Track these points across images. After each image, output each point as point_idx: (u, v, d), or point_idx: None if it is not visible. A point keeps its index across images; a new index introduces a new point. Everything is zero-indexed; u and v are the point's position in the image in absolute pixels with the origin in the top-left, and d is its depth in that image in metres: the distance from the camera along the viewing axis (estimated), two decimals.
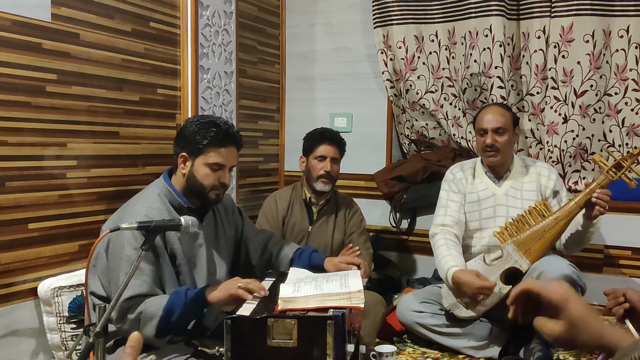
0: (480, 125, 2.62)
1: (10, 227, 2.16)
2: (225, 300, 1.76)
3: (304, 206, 2.80)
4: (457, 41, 3.22)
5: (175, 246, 1.91)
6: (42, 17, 2.24)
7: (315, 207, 2.80)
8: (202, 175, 1.96)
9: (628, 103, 2.91)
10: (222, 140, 1.96)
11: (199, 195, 2.01)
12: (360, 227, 2.85)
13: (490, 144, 2.57)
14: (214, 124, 1.98)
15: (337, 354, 1.54)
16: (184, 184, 2.00)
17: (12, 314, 2.18)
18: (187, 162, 1.98)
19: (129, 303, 1.76)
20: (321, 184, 2.72)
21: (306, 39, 3.71)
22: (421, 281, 3.29)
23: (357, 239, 2.80)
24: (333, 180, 2.75)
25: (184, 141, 1.99)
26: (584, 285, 2.43)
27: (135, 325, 1.76)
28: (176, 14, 2.86)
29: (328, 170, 2.70)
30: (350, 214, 2.86)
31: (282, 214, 2.77)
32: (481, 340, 2.55)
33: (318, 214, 2.80)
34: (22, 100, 2.18)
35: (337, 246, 2.79)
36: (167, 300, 1.76)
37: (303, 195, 2.81)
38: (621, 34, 2.86)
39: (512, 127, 2.62)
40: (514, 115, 2.69)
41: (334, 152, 2.74)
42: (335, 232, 2.79)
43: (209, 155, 1.95)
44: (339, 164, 2.79)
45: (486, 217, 2.63)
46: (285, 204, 2.80)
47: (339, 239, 2.80)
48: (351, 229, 2.83)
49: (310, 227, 2.78)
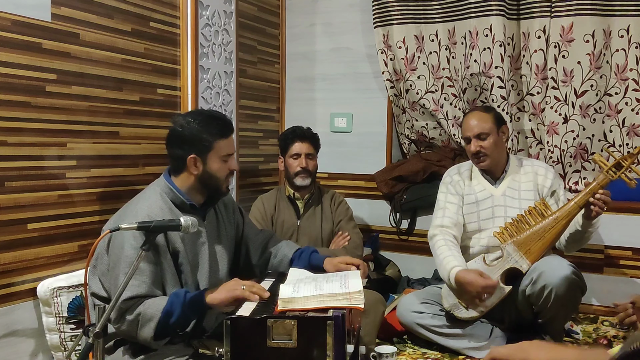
0: (464, 134, 2.65)
1: (10, 227, 2.16)
2: (226, 302, 1.75)
3: (289, 203, 2.92)
4: (457, 41, 3.22)
5: (177, 245, 1.90)
6: (42, 17, 2.24)
7: (301, 202, 2.92)
8: (216, 169, 1.97)
9: (628, 103, 2.91)
10: (225, 130, 2.00)
11: (212, 190, 2.02)
12: (347, 214, 2.96)
13: (475, 152, 2.58)
14: (212, 117, 2.00)
15: (337, 354, 1.54)
16: (194, 184, 1.98)
17: (11, 314, 2.18)
18: (197, 162, 1.96)
19: (127, 304, 1.75)
20: (300, 179, 2.85)
21: (306, 39, 3.70)
22: (421, 281, 3.29)
23: (345, 225, 2.91)
24: (311, 174, 2.87)
25: (188, 143, 1.95)
26: (584, 286, 2.43)
27: (134, 327, 1.75)
28: (176, 14, 2.86)
29: (304, 166, 2.83)
30: (336, 203, 2.97)
31: (269, 213, 2.89)
32: (481, 341, 2.55)
33: (304, 208, 2.91)
34: (22, 100, 2.18)
35: (327, 236, 2.91)
36: (166, 302, 1.75)
37: (287, 193, 2.93)
38: (621, 33, 2.86)
39: (495, 129, 2.59)
40: (496, 115, 2.65)
41: (307, 148, 2.87)
42: (324, 223, 2.91)
43: (219, 148, 1.97)
44: (316, 159, 2.92)
45: (485, 218, 2.62)
46: (272, 203, 2.92)
47: (328, 229, 2.91)
48: (339, 217, 2.94)
49: (298, 222, 2.90)
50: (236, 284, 1.76)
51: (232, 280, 1.82)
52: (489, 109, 2.70)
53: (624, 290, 2.96)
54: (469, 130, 2.60)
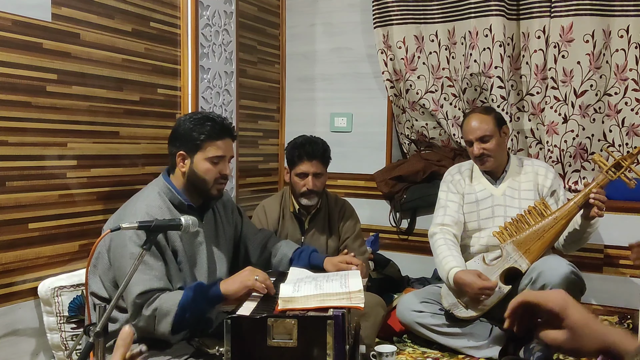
0: (466, 137, 2.63)
1: (11, 227, 2.16)
2: (240, 292, 1.78)
3: (294, 218, 2.68)
4: (457, 41, 3.23)
5: (176, 244, 1.91)
6: (42, 17, 2.24)
7: (306, 218, 2.68)
8: (203, 171, 1.97)
9: (628, 103, 2.91)
10: (219, 133, 1.98)
11: (201, 191, 2.01)
12: (354, 230, 2.71)
13: (479, 154, 2.58)
14: (208, 118, 2.00)
15: (337, 353, 1.54)
16: (185, 182, 2.00)
17: (12, 314, 2.18)
18: (186, 160, 1.98)
19: (142, 298, 1.76)
20: (305, 199, 2.59)
21: (306, 39, 3.71)
22: (421, 281, 3.29)
23: (351, 244, 2.68)
24: (318, 194, 2.60)
25: (180, 140, 1.99)
26: (583, 286, 2.43)
27: (151, 322, 1.76)
28: (176, 14, 2.86)
29: (310, 187, 2.55)
30: (344, 218, 2.72)
31: (273, 226, 2.65)
32: (481, 340, 2.55)
33: (309, 224, 2.68)
34: (22, 100, 2.18)
35: (332, 254, 2.64)
36: (182, 296, 1.76)
37: (291, 208, 2.68)
38: (621, 34, 2.87)
39: (497, 130, 2.59)
40: (497, 116, 2.64)
41: (316, 167, 2.56)
42: (329, 240, 2.69)
43: (208, 149, 1.97)
44: (324, 176, 2.63)
45: (485, 218, 2.63)
46: (275, 216, 2.68)
47: (334, 247, 2.69)
48: (345, 234, 2.70)
49: (302, 238, 2.66)
50: (250, 274, 1.79)
51: (247, 270, 1.83)
52: (489, 110, 2.68)
53: (624, 290, 2.97)
54: (471, 133, 2.58)
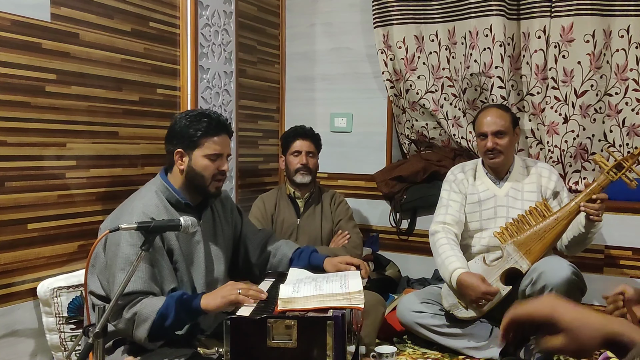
0: (480, 129, 2.61)
1: (10, 227, 2.16)
2: (222, 308, 1.74)
3: (289, 201, 2.94)
4: (457, 41, 3.22)
5: (172, 243, 1.90)
6: (41, 17, 2.24)
7: (301, 201, 2.94)
8: (201, 167, 1.97)
9: (628, 103, 2.91)
10: (215, 129, 1.98)
11: (199, 189, 2.01)
12: (347, 213, 2.98)
13: (491, 148, 2.57)
14: (204, 114, 2.00)
15: (337, 354, 1.54)
16: (183, 180, 2.00)
17: (11, 315, 2.18)
18: (183, 157, 1.98)
19: (124, 300, 1.74)
20: (300, 176, 2.86)
21: (306, 39, 3.70)
22: (421, 281, 3.29)
23: (345, 224, 2.93)
24: (311, 172, 2.88)
25: (177, 137, 1.99)
26: (584, 286, 2.43)
27: (130, 325, 1.75)
28: (176, 14, 2.86)
29: (304, 163, 2.85)
30: (336, 203, 2.99)
31: (270, 212, 2.91)
32: (481, 341, 2.55)
33: (304, 207, 2.93)
34: (21, 100, 2.18)
35: (327, 235, 2.93)
36: (162, 304, 1.75)
37: (287, 191, 2.95)
38: (621, 33, 2.86)
39: (512, 129, 2.61)
40: (513, 116, 2.68)
41: (308, 146, 2.89)
42: (324, 222, 2.92)
43: (206, 146, 1.97)
44: (316, 158, 2.94)
45: (487, 218, 2.62)
46: (272, 202, 2.94)
47: (328, 228, 2.93)
48: (338, 217, 2.95)
49: (298, 221, 2.91)
50: (232, 289, 1.75)
51: (228, 284, 1.80)
52: (507, 109, 2.72)
53: None
54: (487, 126, 2.58)
